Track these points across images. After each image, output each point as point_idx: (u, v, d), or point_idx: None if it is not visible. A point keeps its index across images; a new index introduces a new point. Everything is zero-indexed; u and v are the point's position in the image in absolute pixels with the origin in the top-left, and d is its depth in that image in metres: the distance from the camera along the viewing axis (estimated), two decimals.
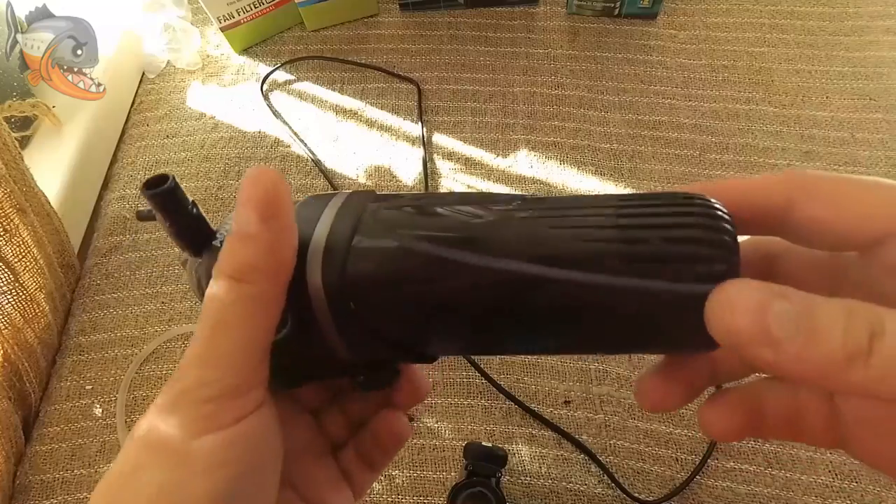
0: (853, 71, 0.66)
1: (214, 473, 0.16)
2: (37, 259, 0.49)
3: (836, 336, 0.13)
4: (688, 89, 0.65)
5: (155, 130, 0.66)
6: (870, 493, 0.44)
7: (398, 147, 0.63)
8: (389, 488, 0.46)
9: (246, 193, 0.18)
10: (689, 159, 0.61)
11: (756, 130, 0.62)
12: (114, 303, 0.55)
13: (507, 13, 0.72)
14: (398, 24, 0.72)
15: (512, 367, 0.50)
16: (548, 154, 0.62)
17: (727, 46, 0.68)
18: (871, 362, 0.13)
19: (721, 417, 0.19)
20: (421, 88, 0.66)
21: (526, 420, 0.48)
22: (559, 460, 0.46)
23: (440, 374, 0.50)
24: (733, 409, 0.19)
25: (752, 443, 0.46)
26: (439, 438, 0.47)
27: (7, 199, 0.45)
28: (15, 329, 0.47)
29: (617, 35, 0.70)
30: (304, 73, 0.69)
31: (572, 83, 0.66)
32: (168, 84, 0.69)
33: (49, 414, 0.49)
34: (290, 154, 0.63)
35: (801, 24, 0.70)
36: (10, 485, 0.46)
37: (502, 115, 0.64)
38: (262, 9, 0.68)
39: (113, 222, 0.60)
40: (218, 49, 0.72)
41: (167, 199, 0.19)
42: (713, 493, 0.45)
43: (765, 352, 0.14)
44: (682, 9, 0.72)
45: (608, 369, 0.50)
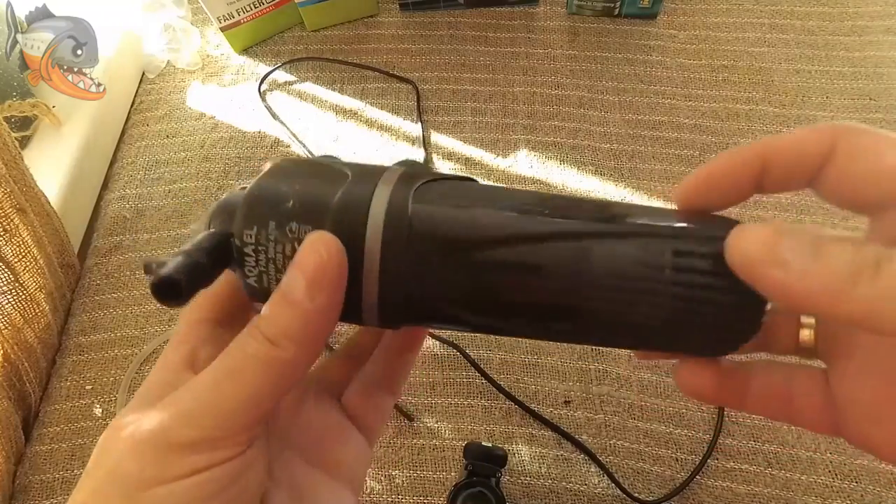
0: (853, 71, 0.66)
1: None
2: (37, 259, 0.49)
3: (844, 257, 0.14)
4: (688, 89, 0.65)
5: (155, 130, 0.66)
6: (870, 493, 0.44)
7: (398, 147, 0.63)
8: (389, 488, 0.46)
9: (301, 256, 0.17)
10: (689, 159, 0.61)
11: (756, 130, 0.62)
12: (114, 303, 0.55)
13: (507, 13, 0.72)
14: (398, 24, 0.72)
15: (512, 367, 0.50)
16: (548, 154, 0.62)
17: (727, 46, 0.68)
18: (876, 281, 0.13)
19: (692, 374, 0.20)
20: (419, 88, 0.66)
21: (526, 420, 0.48)
22: (559, 460, 0.46)
23: (440, 374, 0.50)
24: (705, 371, 0.20)
25: (752, 443, 0.46)
26: (439, 438, 0.47)
27: (7, 199, 0.45)
28: (15, 329, 0.47)
29: (617, 35, 0.70)
30: (304, 73, 0.69)
31: (572, 83, 0.66)
32: (168, 84, 0.69)
33: (49, 414, 0.49)
34: (289, 154, 0.63)
35: (801, 24, 0.70)
36: (10, 485, 0.46)
37: (502, 115, 0.64)
38: (262, 9, 0.68)
39: (113, 222, 0.60)
40: (218, 49, 0.71)
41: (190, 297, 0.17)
42: (713, 493, 0.45)
43: (775, 272, 0.15)
44: (682, 9, 0.72)
45: (608, 369, 0.50)
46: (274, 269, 0.19)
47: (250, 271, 0.19)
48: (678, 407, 0.48)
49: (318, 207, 0.19)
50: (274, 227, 0.19)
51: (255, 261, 0.19)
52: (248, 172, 0.62)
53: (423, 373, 0.50)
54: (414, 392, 0.49)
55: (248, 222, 0.19)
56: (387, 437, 0.48)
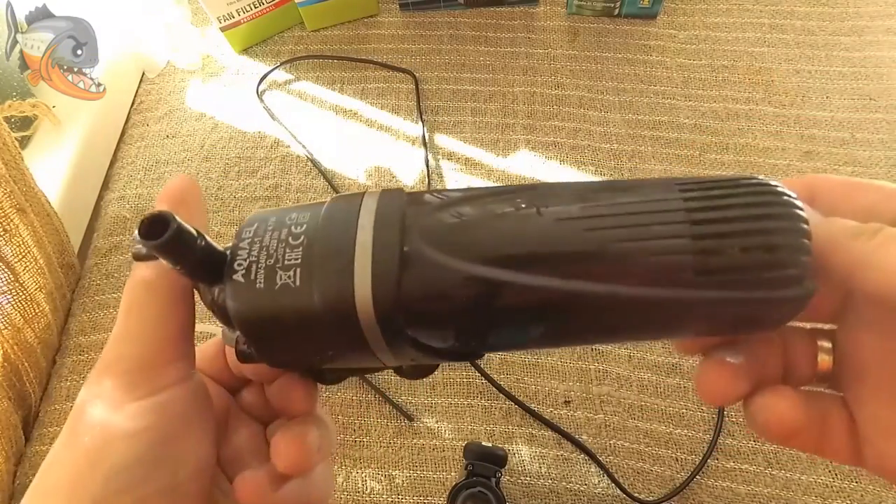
0: (853, 71, 0.66)
1: (132, 438, 0.18)
2: (37, 259, 0.49)
3: (850, 223, 0.17)
4: (688, 89, 0.65)
5: (155, 130, 0.66)
6: (870, 493, 0.44)
7: (398, 147, 0.63)
8: (389, 488, 0.46)
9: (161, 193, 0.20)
10: (689, 159, 0.61)
11: (756, 130, 0.62)
12: (114, 303, 0.55)
13: (507, 13, 0.72)
14: (398, 23, 0.72)
15: (512, 367, 0.50)
16: (548, 154, 0.62)
17: (727, 46, 0.68)
18: (874, 239, 0.16)
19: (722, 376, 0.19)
20: (417, 77, 0.66)
21: (526, 420, 0.48)
22: (559, 460, 0.46)
23: (440, 374, 0.50)
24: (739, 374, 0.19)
25: (753, 442, 0.46)
26: (439, 438, 0.47)
27: (7, 199, 0.45)
28: (15, 329, 0.47)
29: (617, 35, 0.70)
30: (304, 72, 0.69)
31: (572, 83, 0.66)
32: (168, 84, 0.69)
33: (49, 414, 0.49)
34: (289, 154, 0.63)
35: (801, 24, 0.70)
36: (10, 485, 0.46)
37: (502, 115, 0.64)
38: (262, 9, 0.68)
39: (113, 222, 0.60)
40: (218, 49, 0.71)
41: (172, 247, 0.17)
42: (713, 493, 0.45)
43: None
44: (682, 9, 0.72)
45: (608, 369, 0.50)
46: (265, 256, 0.18)
47: (239, 265, 0.18)
48: (678, 407, 0.48)
49: (317, 204, 0.19)
50: (274, 220, 0.19)
51: (247, 252, 0.18)
52: (248, 172, 0.62)
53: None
54: (414, 392, 0.49)
55: (249, 223, 0.19)
56: (387, 437, 0.48)
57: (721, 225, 0.16)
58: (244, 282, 0.18)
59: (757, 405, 0.19)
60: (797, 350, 0.20)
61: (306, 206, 0.19)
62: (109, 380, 0.18)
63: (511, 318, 0.18)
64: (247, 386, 0.25)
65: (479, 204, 0.18)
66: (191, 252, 0.17)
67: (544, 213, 0.17)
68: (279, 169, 0.62)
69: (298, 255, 0.18)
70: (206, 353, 0.24)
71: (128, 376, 0.18)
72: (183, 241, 0.17)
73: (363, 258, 0.17)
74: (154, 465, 0.18)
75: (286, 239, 0.18)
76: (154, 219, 0.16)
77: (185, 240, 0.17)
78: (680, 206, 0.17)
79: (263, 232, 0.19)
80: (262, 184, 0.61)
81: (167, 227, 0.16)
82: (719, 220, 0.16)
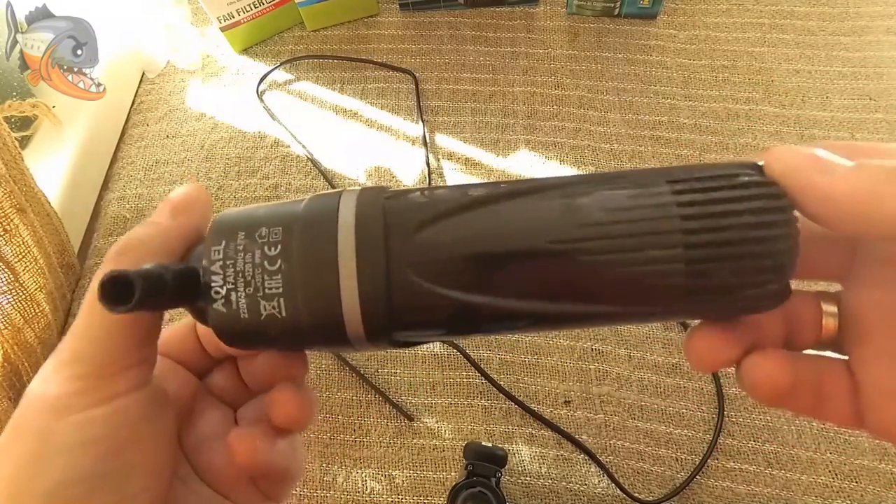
0: (853, 71, 0.66)
1: (76, 453, 0.17)
2: (37, 259, 0.49)
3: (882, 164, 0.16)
4: (688, 89, 0.65)
5: (155, 130, 0.66)
6: (870, 493, 0.44)
7: (398, 147, 0.63)
8: (389, 488, 0.46)
9: (171, 194, 0.20)
10: (689, 159, 0.61)
11: (756, 130, 0.62)
12: None
13: (507, 13, 0.72)
14: (398, 23, 0.72)
15: (512, 367, 0.50)
16: (548, 154, 0.62)
17: (727, 46, 0.68)
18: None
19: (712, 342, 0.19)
20: (417, 77, 0.66)
21: (526, 420, 0.48)
22: (559, 460, 0.46)
23: (440, 374, 0.50)
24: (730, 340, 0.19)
25: (753, 443, 0.46)
26: (439, 438, 0.47)
27: (7, 199, 0.45)
28: (15, 329, 0.47)
29: (617, 35, 0.70)
30: (304, 72, 0.69)
31: (572, 83, 0.66)
32: (168, 84, 0.69)
33: None
34: (289, 154, 0.63)
35: (801, 24, 0.70)
36: None
37: (502, 115, 0.64)
38: (262, 9, 0.68)
39: (113, 222, 0.60)
40: (218, 49, 0.71)
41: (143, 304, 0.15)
42: (713, 493, 0.45)
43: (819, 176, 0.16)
44: (682, 9, 0.72)
45: (608, 369, 0.50)
46: (243, 284, 0.17)
47: (217, 293, 0.17)
48: (678, 407, 0.48)
49: (287, 210, 0.18)
50: (243, 236, 0.18)
51: (222, 279, 0.17)
52: (248, 172, 0.62)
53: (423, 373, 0.50)
54: (414, 392, 0.49)
55: (215, 239, 0.18)
56: (387, 437, 0.48)
57: (715, 249, 0.17)
58: (227, 311, 0.17)
59: (745, 367, 0.19)
60: (802, 314, 0.20)
61: (275, 216, 0.18)
62: (61, 381, 0.17)
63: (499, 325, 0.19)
64: (217, 367, 0.24)
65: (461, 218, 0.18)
66: (162, 295, 0.16)
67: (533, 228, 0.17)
68: (279, 169, 0.62)
69: (279, 284, 0.17)
70: (177, 335, 0.23)
71: (80, 382, 0.17)
72: (154, 291, 0.16)
73: (348, 280, 0.17)
74: (101, 479, 0.17)
75: (261, 263, 0.17)
76: (114, 281, 0.15)
77: (155, 288, 0.16)
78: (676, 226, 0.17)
79: (235, 253, 0.18)
80: (262, 184, 0.61)
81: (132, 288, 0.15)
82: (713, 244, 0.17)
